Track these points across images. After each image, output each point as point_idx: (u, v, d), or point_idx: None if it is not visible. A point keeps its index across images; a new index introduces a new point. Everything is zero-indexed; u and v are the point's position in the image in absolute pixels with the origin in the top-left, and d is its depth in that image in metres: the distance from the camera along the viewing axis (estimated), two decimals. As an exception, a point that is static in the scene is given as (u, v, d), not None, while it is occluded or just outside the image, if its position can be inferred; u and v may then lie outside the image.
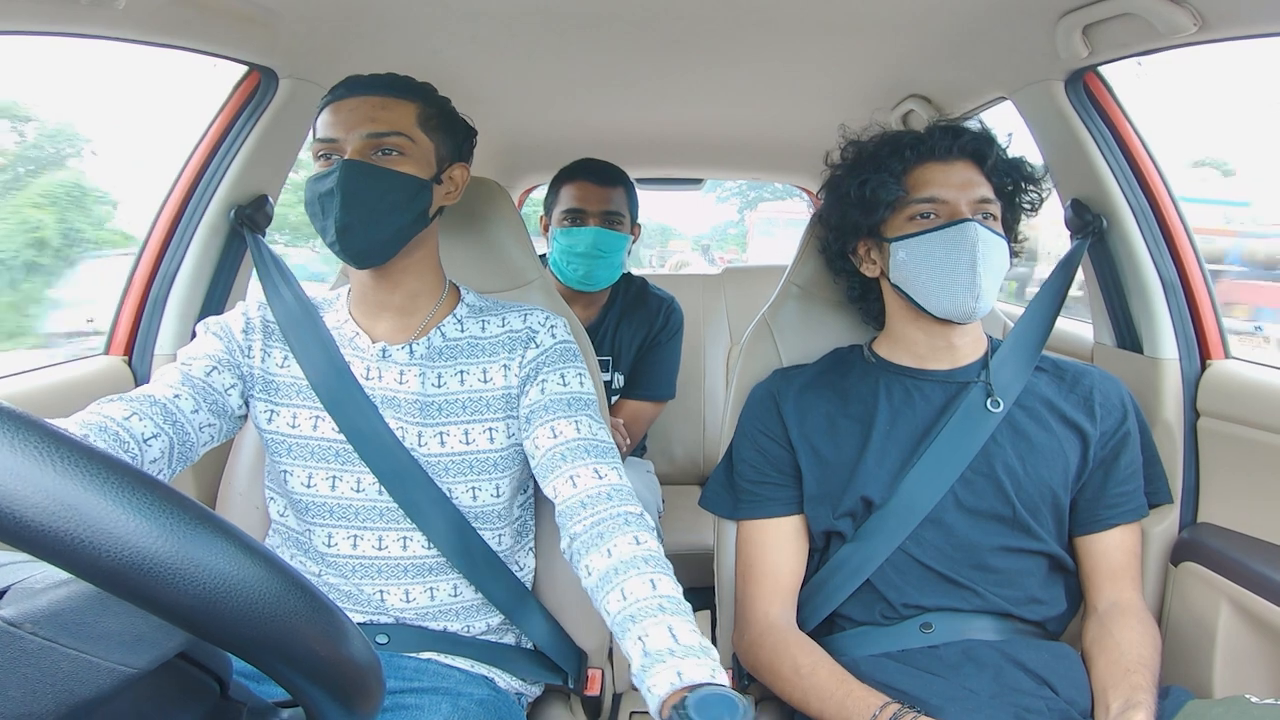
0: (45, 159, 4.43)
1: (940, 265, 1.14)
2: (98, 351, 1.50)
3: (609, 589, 0.95)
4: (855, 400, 1.22)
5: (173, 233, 1.49)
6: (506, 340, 1.16)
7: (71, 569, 0.41)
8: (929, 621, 1.12)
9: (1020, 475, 1.14)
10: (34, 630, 0.44)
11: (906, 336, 1.23)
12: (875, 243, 1.23)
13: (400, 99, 1.09)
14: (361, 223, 1.05)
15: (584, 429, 1.10)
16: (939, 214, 1.16)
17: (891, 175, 1.18)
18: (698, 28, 1.50)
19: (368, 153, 1.06)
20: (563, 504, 1.05)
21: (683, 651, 0.86)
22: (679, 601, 0.93)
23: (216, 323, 1.16)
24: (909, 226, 1.18)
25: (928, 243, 1.15)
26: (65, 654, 0.45)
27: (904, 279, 1.18)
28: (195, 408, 1.07)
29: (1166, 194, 1.40)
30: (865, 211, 1.20)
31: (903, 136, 1.21)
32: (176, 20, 1.22)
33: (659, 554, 0.99)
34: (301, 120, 1.51)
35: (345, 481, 1.11)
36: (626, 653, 0.91)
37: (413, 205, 1.08)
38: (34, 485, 0.39)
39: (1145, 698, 1.00)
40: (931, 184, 1.17)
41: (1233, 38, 1.16)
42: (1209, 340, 1.37)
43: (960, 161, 1.18)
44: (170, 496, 0.43)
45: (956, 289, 1.13)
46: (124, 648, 0.46)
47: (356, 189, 1.04)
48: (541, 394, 1.12)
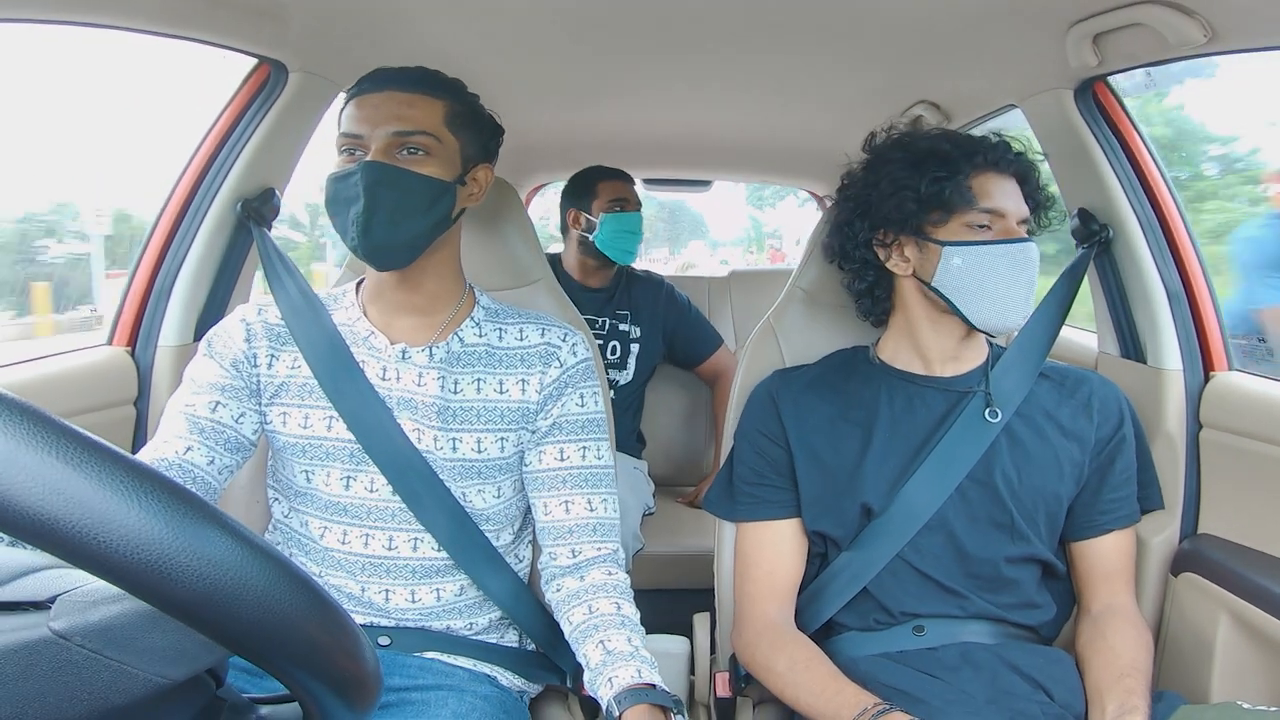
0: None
1: (999, 280, 1.12)
2: (101, 342, 1.50)
3: (576, 604, 1.10)
4: (857, 405, 1.21)
5: (179, 224, 1.49)
6: (524, 355, 1.15)
7: (87, 567, 0.41)
8: (921, 625, 1.13)
9: (1017, 484, 1.14)
10: (83, 643, 0.45)
11: (918, 340, 1.21)
12: (916, 241, 1.18)
13: (430, 96, 1.06)
14: (383, 226, 1.03)
15: (590, 454, 1.15)
16: (994, 226, 1.14)
17: (964, 178, 1.15)
18: (709, 31, 1.50)
19: (392, 151, 1.03)
20: (550, 524, 1.15)
21: (642, 658, 1.02)
22: (638, 625, 1.09)
23: (219, 339, 1.13)
24: (966, 234, 1.14)
25: (990, 255, 1.13)
26: (108, 665, 0.46)
27: (952, 285, 1.15)
28: (210, 458, 1.06)
29: (1173, 205, 1.40)
30: (924, 207, 1.16)
31: (972, 140, 1.18)
32: (187, 11, 1.22)
33: (626, 584, 1.13)
34: (311, 114, 1.51)
35: (360, 482, 1.11)
36: (584, 656, 1.05)
37: (435, 208, 1.06)
38: (47, 482, 0.39)
39: (1139, 702, 1.01)
40: (994, 195, 1.14)
41: (1243, 49, 1.16)
42: (1212, 352, 1.37)
43: (1012, 178, 1.17)
44: (180, 494, 0.43)
45: (1010, 306, 1.13)
46: (166, 661, 0.47)
47: (379, 192, 1.02)
48: (561, 413, 1.14)
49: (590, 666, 1.04)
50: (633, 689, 0.97)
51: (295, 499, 1.14)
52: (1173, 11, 1.11)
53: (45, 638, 0.45)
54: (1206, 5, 1.09)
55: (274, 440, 1.13)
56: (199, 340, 1.47)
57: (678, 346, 2.43)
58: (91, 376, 1.40)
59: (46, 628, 0.45)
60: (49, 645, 0.44)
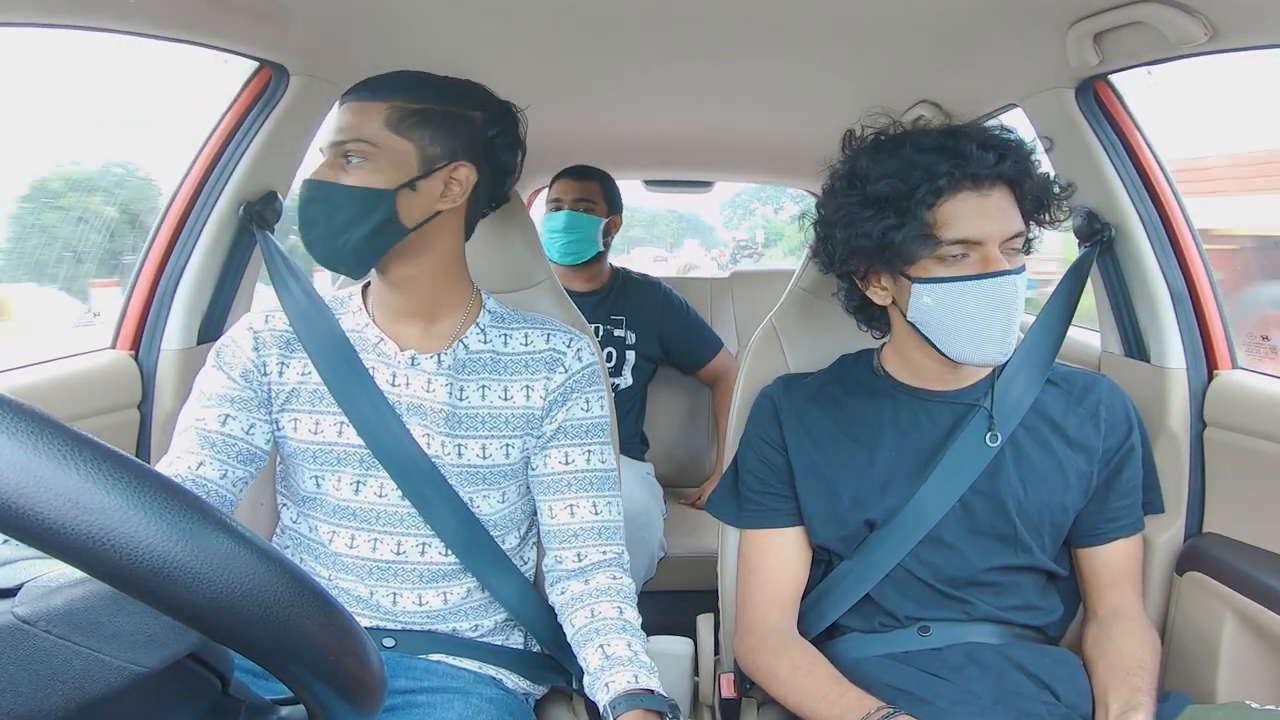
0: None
1: (971, 318, 1.04)
2: (105, 346, 1.50)
3: (579, 608, 1.10)
4: (860, 422, 1.19)
5: (181, 227, 1.49)
6: (529, 360, 1.14)
7: (92, 570, 0.41)
8: (927, 626, 1.13)
9: (1022, 496, 1.13)
10: (48, 629, 0.45)
11: (913, 361, 1.18)
12: (891, 274, 1.11)
13: (372, 101, 1.04)
14: (320, 239, 1.05)
15: (594, 458, 1.15)
16: (970, 254, 1.05)
17: (920, 218, 1.03)
18: (709, 32, 1.50)
19: (336, 161, 1.05)
20: (555, 527, 1.15)
21: (640, 663, 1.03)
22: (639, 630, 1.10)
23: (228, 350, 1.12)
24: (936, 268, 1.05)
25: (959, 291, 1.04)
26: (78, 652, 0.45)
27: (925, 322, 1.08)
28: (222, 471, 1.06)
29: (1175, 203, 1.39)
30: (883, 254, 1.08)
31: (937, 160, 1.04)
32: (188, 14, 1.22)
33: (630, 589, 1.14)
34: (312, 117, 1.51)
35: (369, 487, 1.10)
36: (584, 659, 1.06)
37: (370, 217, 1.03)
38: (55, 488, 0.39)
39: (1145, 700, 1.00)
40: (966, 220, 1.03)
41: (1244, 48, 1.16)
42: (1216, 350, 1.37)
43: (997, 189, 1.06)
44: (188, 500, 0.43)
45: (985, 343, 1.05)
46: (136, 647, 0.47)
47: (310, 208, 1.05)
48: (566, 418, 1.14)
49: (590, 670, 1.05)
50: (628, 694, 0.98)
51: (304, 504, 1.14)
52: (1174, 10, 1.11)
53: (9, 624, 0.44)
54: (1207, 4, 1.08)
55: (284, 446, 1.13)
56: (202, 344, 1.48)
57: (675, 351, 2.41)
58: (95, 380, 1.41)
59: (10, 614, 0.45)
60: (14, 632, 0.44)
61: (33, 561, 0.49)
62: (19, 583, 0.46)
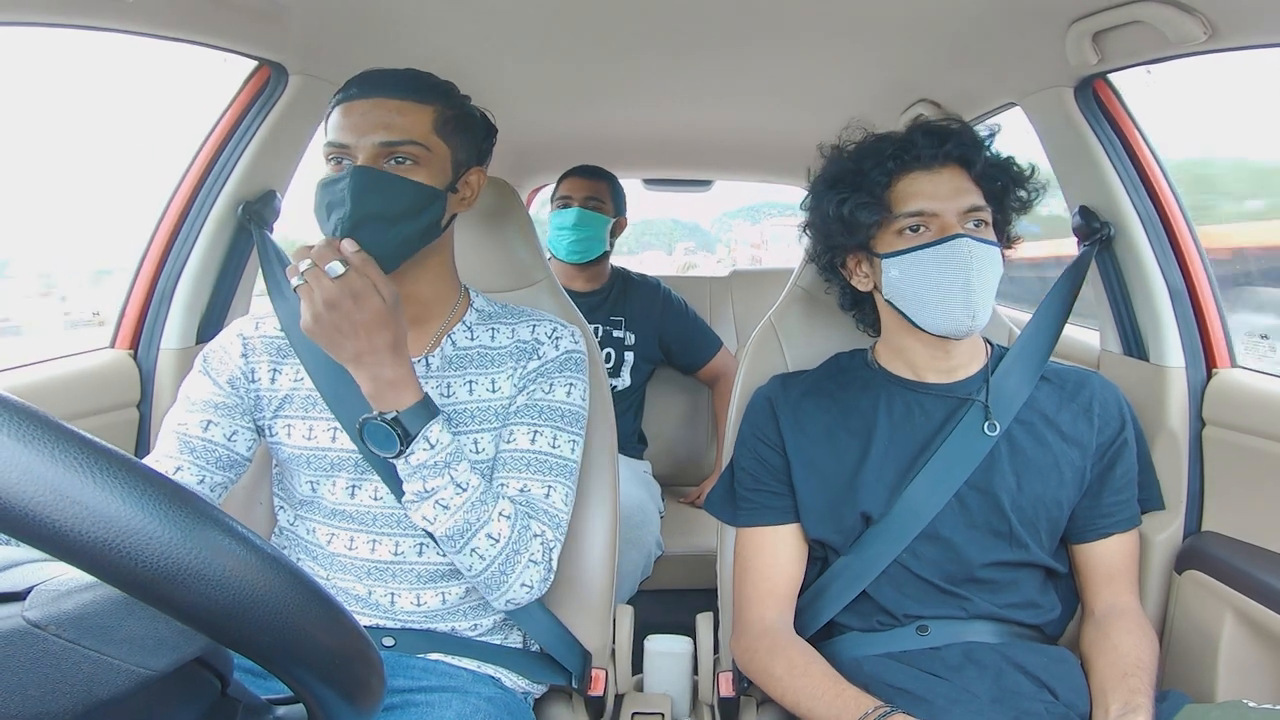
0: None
1: (934, 284, 1.10)
2: (103, 345, 1.50)
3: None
4: (855, 414, 1.20)
5: (180, 226, 1.49)
6: (515, 351, 1.15)
7: (106, 577, 0.41)
8: (925, 625, 1.13)
9: (1017, 492, 1.14)
10: (58, 632, 0.45)
11: (904, 348, 1.21)
12: (866, 257, 1.18)
13: (418, 102, 1.04)
14: (369, 230, 0.99)
15: (540, 440, 1.11)
16: (929, 226, 1.12)
17: (873, 193, 1.13)
18: (709, 31, 1.50)
19: (380, 160, 1.02)
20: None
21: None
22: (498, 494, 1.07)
23: (215, 356, 1.12)
24: (899, 242, 1.13)
25: (919, 260, 1.11)
26: (87, 656, 0.45)
27: (897, 296, 1.15)
28: (200, 477, 1.07)
29: (1174, 202, 1.40)
30: (848, 231, 1.16)
31: (884, 145, 1.15)
32: (186, 14, 1.22)
33: (529, 529, 1.07)
34: (311, 116, 1.51)
35: (364, 490, 1.11)
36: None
37: (424, 215, 1.04)
38: (70, 495, 0.39)
39: (1143, 700, 1.00)
40: (918, 196, 1.12)
41: (1243, 47, 1.16)
42: (1215, 349, 1.37)
43: (948, 168, 1.13)
44: (199, 506, 0.43)
45: (952, 308, 1.10)
46: (145, 651, 0.47)
47: (366, 196, 0.99)
48: (525, 400, 1.13)
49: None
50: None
51: (300, 507, 1.14)
52: (1173, 9, 1.11)
53: (20, 628, 0.44)
54: (1207, 3, 1.09)
55: (278, 452, 1.13)
56: (201, 343, 1.48)
57: (675, 351, 2.42)
58: (94, 380, 1.41)
59: (21, 618, 0.45)
60: (24, 635, 0.44)
61: (40, 564, 0.49)
62: (28, 586, 0.46)
